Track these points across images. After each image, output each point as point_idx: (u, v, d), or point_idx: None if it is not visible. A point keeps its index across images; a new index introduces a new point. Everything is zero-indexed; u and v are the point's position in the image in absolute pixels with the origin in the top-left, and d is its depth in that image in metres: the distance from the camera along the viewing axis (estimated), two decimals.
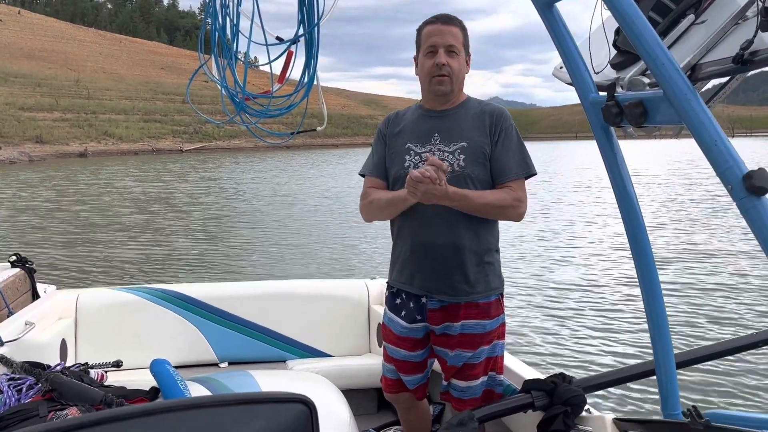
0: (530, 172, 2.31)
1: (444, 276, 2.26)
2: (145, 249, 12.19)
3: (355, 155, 52.05)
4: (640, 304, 1.92)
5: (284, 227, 14.66)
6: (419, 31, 2.34)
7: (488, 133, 2.28)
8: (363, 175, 2.46)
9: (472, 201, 2.20)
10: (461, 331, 2.28)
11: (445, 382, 2.37)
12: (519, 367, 2.50)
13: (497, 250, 2.36)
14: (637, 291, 1.88)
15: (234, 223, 15.59)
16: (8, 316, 3.47)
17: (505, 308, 2.40)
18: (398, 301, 2.38)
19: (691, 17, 1.70)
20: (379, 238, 12.21)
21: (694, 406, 1.67)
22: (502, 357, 2.38)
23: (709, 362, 4.67)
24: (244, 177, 31.24)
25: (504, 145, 2.27)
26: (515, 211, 2.26)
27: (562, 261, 10.57)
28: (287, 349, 3.47)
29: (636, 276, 1.84)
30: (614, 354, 6.15)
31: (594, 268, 9.92)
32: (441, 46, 2.26)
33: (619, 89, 1.74)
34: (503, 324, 2.37)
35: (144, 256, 11.43)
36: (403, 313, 2.35)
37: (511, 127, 2.31)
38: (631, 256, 1.85)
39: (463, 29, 2.32)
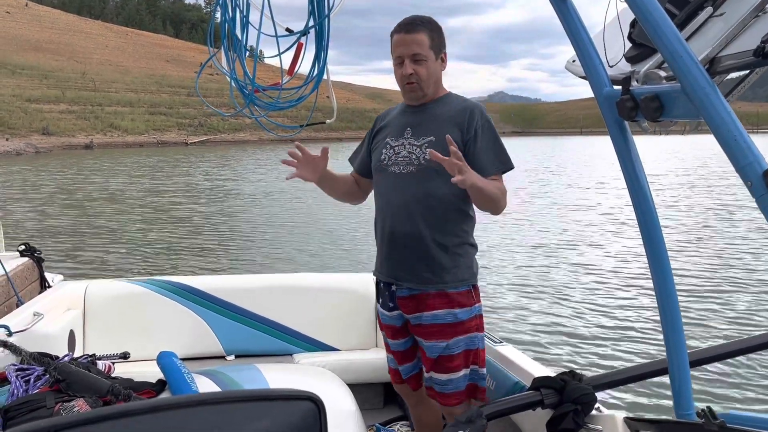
0: (507, 167, 2.35)
1: (408, 263, 2.34)
2: (154, 240, 12.22)
3: None
4: (653, 301, 1.90)
5: (291, 220, 14.67)
6: (391, 37, 2.36)
7: (463, 130, 2.31)
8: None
9: (485, 189, 2.20)
10: (432, 321, 2.33)
11: (426, 375, 2.41)
12: (528, 365, 2.48)
13: (471, 244, 2.40)
14: (651, 287, 1.85)
15: (242, 216, 15.61)
16: (17, 304, 3.48)
17: (515, 305, 2.38)
18: (378, 289, 2.51)
19: (709, 9, 1.67)
20: None
21: (708, 407, 1.64)
22: (483, 350, 2.41)
23: (724, 361, 4.64)
24: (252, 169, 31.25)
25: (480, 142, 2.31)
26: (504, 203, 2.29)
27: (572, 257, 10.54)
28: (294, 342, 3.46)
29: (649, 272, 1.82)
30: (626, 352, 6.11)
31: (606, 264, 9.89)
32: (406, 56, 2.29)
33: (634, 83, 1.71)
34: (480, 316, 2.40)
35: (151, 248, 11.46)
36: (381, 300, 2.49)
37: (487, 123, 2.35)
38: (644, 252, 1.82)
39: (431, 31, 2.31)
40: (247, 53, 2.06)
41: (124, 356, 2.70)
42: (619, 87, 1.72)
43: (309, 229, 13.49)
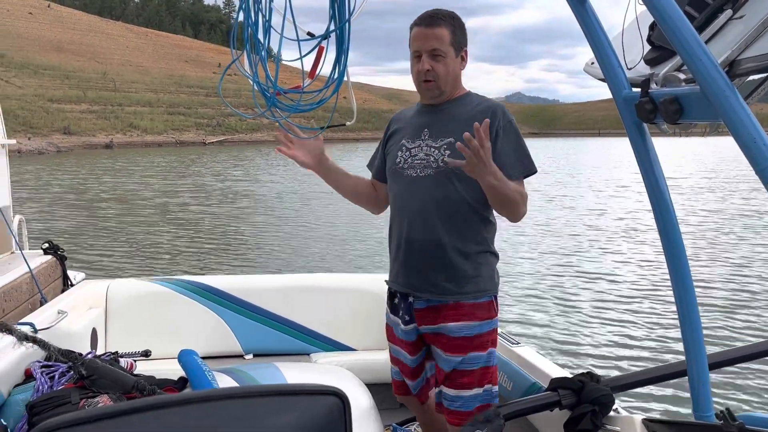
0: (530, 171, 2.21)
1: (427, 272, 2.21)
2: (173, 240, 12.34)
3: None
4: (669, 306, 1.90)
5: (311, 222, 14.73)
6: (410, 30, 2.22)
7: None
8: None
9: (506, 186, 2.07)
10: (449, 334, 2.20)
11: (436, 389, 2.31)
12: (546, 366, 2.49)
13: (492, 252, 2.26)
14: (670, 290, 1.85)
15: (258, 217, 15.70)
16: (41, 302, 3.55)
17: (532, 307, 2.38)
18: (395, 301, 2.35)
19: (728, 12, 1.67)
20: None
21: (727, 408, 1.64)
22: (496, 366, 2.27)
23: (743, 364, 4.59)
24: (265, 169, 31.39)
25: (502, 144, 2.16)
26: (524, 209, 2.17)
27: (590, 259, 10.47)
28: (311, 342, 3.49)
29: (668, 275, 1.82)
30: (644, 353, 6.08)
31: (624, 267, 9.81)
32: (424, 51, 2.17)
33: (653, 85, 1.71)
34: (497, 330, 2.26)
35: (172, 248, 11.57)
36: (400, 313, 2.33)
37: (509, 124, 2.20)
38: (663, 254, 1.82)
39: (453, 26, 2.18)
40: (271, 56, 2.09)
41: (146, 354, 2.75)
42: (638, 89, 1.73)
43: (322, 231, 13.53)
